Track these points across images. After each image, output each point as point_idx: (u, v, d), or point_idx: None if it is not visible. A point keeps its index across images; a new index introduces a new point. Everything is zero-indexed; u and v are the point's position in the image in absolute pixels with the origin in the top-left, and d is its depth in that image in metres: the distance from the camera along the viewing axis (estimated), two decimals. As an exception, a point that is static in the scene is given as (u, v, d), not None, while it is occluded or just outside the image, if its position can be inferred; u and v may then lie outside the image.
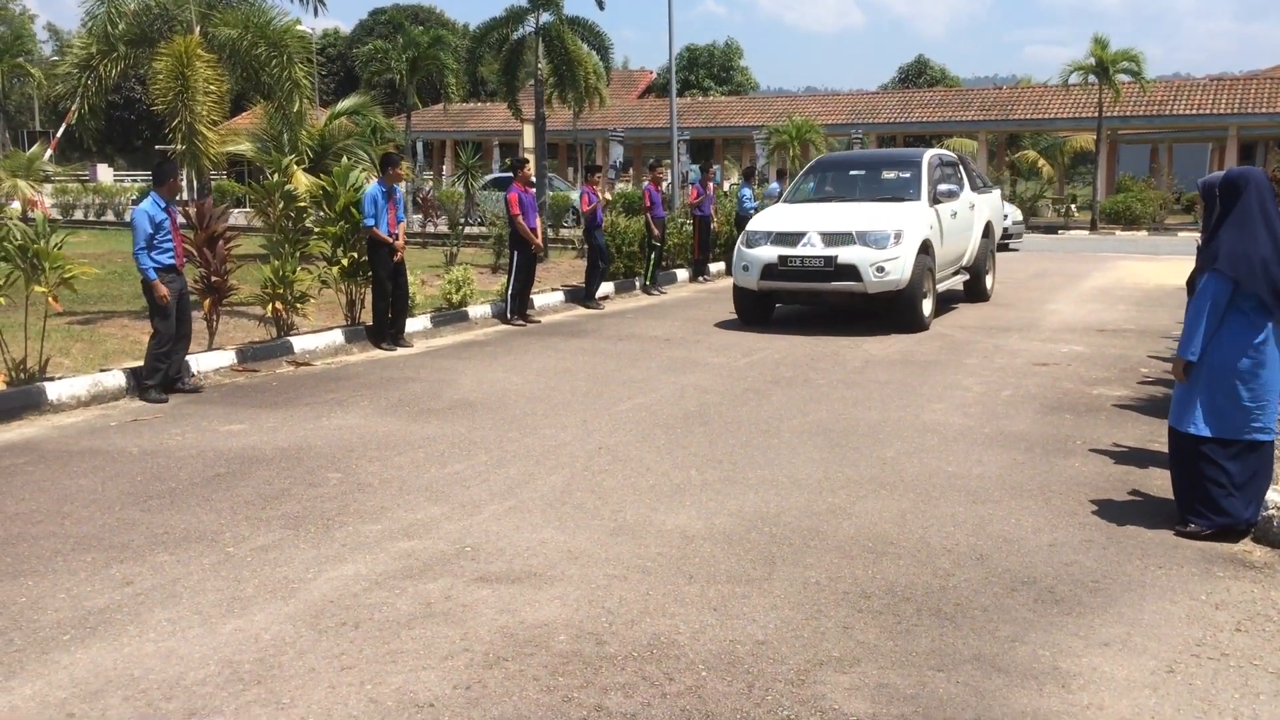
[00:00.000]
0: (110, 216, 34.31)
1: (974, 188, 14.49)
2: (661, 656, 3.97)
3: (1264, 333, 5.15)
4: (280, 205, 11.12)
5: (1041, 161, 43.12)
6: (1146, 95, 34.23)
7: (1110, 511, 5.63)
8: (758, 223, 12.74)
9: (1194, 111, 35.40)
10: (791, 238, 12.00)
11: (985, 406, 8.14)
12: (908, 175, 13.12)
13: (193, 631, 4.21)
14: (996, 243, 15.68)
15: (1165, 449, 6.13)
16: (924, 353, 10.57)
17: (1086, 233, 31.63)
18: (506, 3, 20.92)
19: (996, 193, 16.17)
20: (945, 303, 13.73)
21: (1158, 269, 18.98)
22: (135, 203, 8.56)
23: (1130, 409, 8.05)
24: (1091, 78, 31.85)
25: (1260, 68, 49.99)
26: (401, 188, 11.98)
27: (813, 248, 11.76)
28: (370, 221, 10.91)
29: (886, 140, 43.86)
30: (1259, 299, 5.10)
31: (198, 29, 14.02)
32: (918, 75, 59.78)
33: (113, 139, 42.77)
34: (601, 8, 21.22)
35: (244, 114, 32.34)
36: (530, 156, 19.80)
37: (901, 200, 12.49)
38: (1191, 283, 5.54)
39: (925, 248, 11.97)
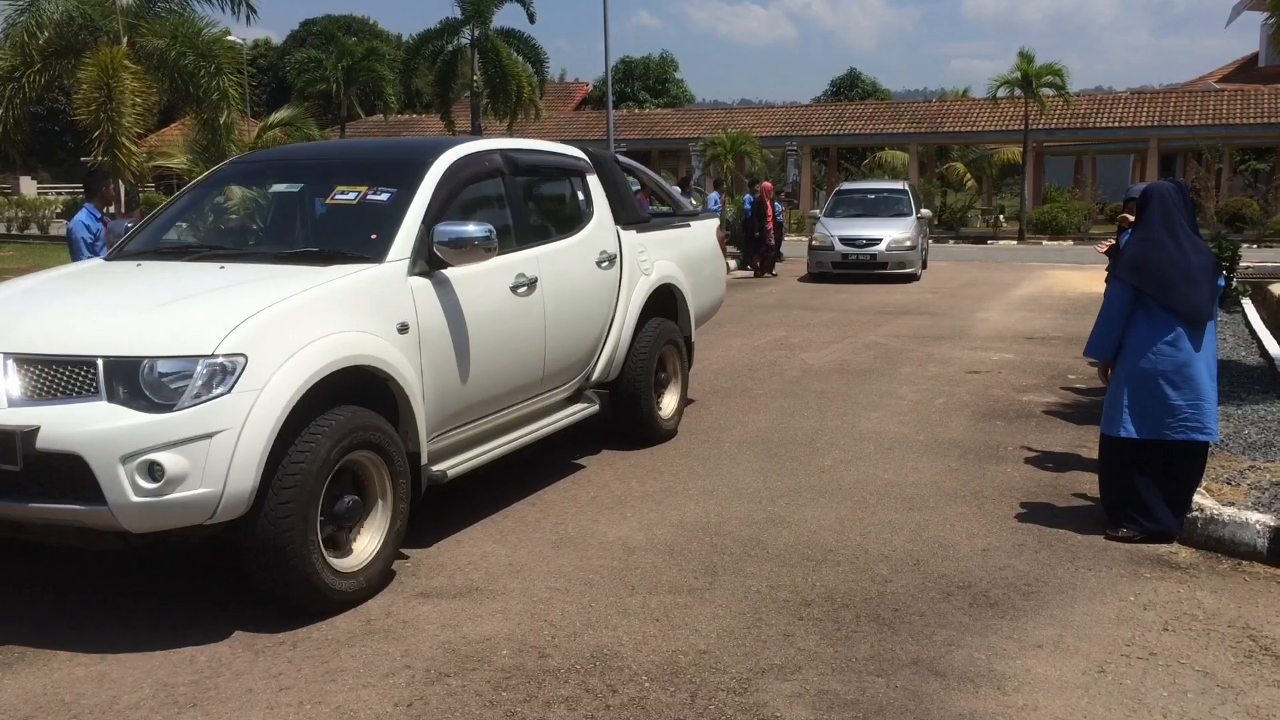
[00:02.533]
0: (34, 230, 33.44)
1: (626, 219, 7.22)
2: (605, 668, 3.98)
3: (1174, 331, 5.30)
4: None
5: (968, 177, 43.93)
6: (1070, 108, 35.07)
7: (1041, 516, 5.75)
8: None
9: (1116, 124, 36.33)
10: None
11: (919, 414, 8.27)
12: (384, 200, 5.55)
13: (125, 654, 4.12)
14: (694, 327, 8.04)
15: (1093, 454, 6.29)
16: (859, 362, 10.71)
17: (1015, 243, 32.27)
18: (440, 15, 20.88)
19: (700, 227, 8.50)
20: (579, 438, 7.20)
21: (1084, 277, 19.44)
22: (63, 215, 8.48)
23: (1058, 415, 8.23)
24: (1018, 91, 32.56)
25: (1176, 81, 51.58)
26: None
27: None
28: None
29: (820, 152, 44.46)
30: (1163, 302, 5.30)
31: (125, 39, 13.78)
32: (850, 88, 60.65)
33: (36, 151, 41.70)
34: (532, 21, 21.30)
35: (173, 125, 31.79)
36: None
37: (343, 260, 5.18)
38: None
39: (366, 384, 4.86)
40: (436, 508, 5.95)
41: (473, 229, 5.31)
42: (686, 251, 8.00)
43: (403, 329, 5.01)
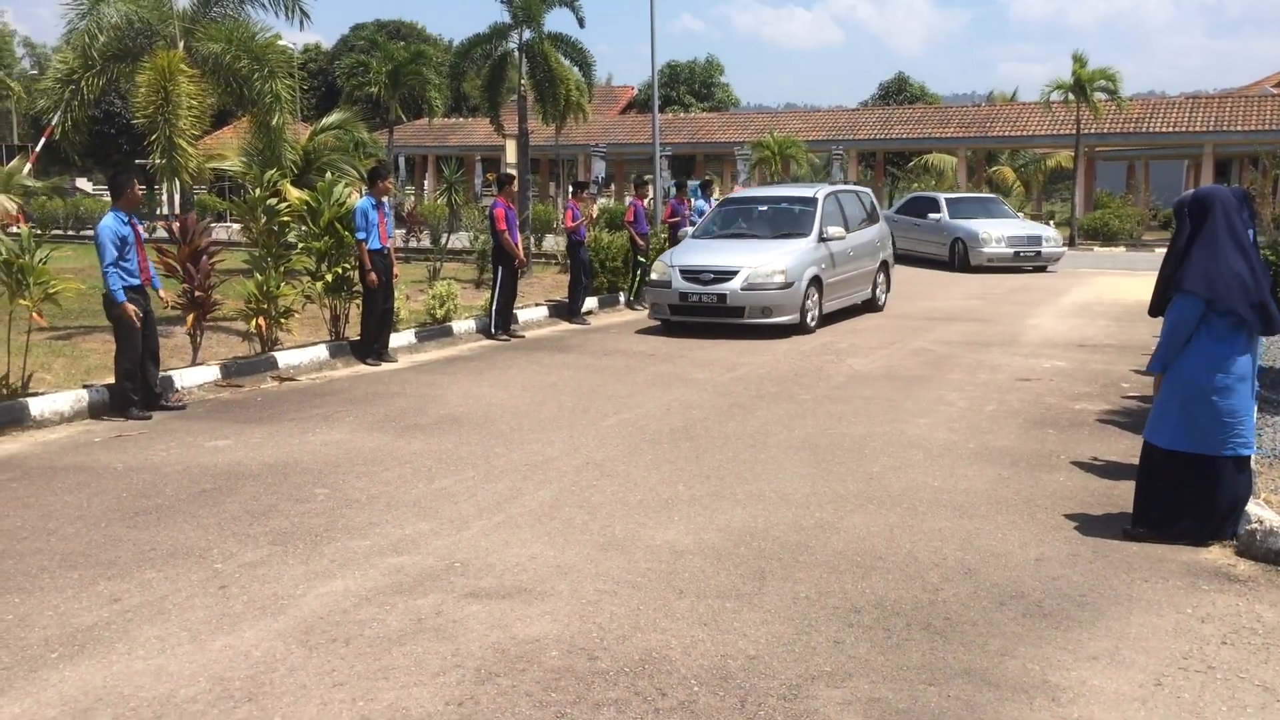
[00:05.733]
0: (90, 231, 34.10)
1: None
2: (653, 671, 3.98)
3: (1233, 344, 5.24)
4: (264, 220, 11.09)
5: (1017, 182, 43.39)
6: (1123, 113, 34.56)
7: (1095, 526, 5.67)
8: None
9: (1170, 129, 35.75)
10: None
11: (969, 421, 8.19)
12: None
13: (182, 649, 4.19)
14: None
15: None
16: (907, 368, 10.62)
17: (1066, 248, 31.83)
18: (490, 19, 21.00)
19: None
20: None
21: (1136, 284, 19.12)
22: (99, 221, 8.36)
23: (1112, 424, 8.11)
24: (1070, 95, 32.11)
25: (1231, 85, 50.61)
26: (388, 201, 11.95)
27: None
28: (362, 235, 10.88)
29: (867, 157, 44.14)
30: (1234, 315, 5.20)
31: (181, 44, 14.01)
32: (898, 92, 60.17)
33: (92, 152, 42.52)
34: (582, 26, 21.36)
35: (226, 128, 32.26)
36: (514, 172, 19.84)
37: None
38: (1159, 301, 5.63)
39: None
40: (484, 509, 5.99)
41: None
42: None
43: None
